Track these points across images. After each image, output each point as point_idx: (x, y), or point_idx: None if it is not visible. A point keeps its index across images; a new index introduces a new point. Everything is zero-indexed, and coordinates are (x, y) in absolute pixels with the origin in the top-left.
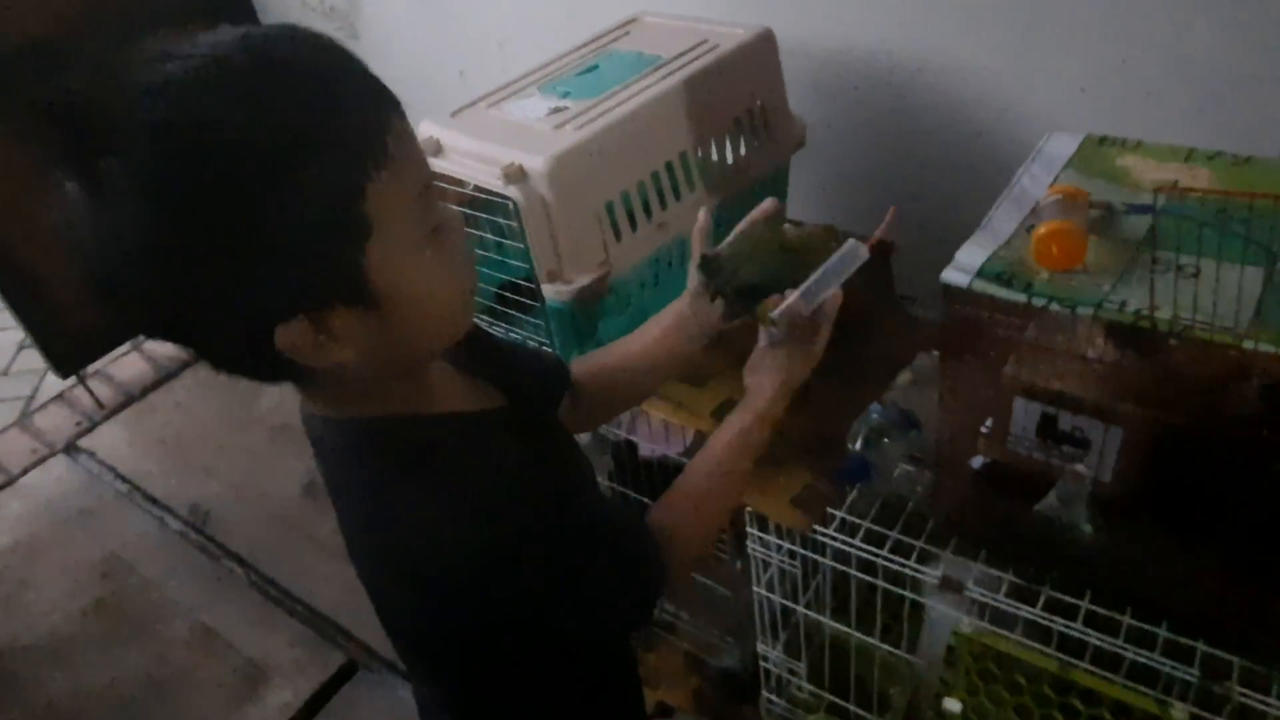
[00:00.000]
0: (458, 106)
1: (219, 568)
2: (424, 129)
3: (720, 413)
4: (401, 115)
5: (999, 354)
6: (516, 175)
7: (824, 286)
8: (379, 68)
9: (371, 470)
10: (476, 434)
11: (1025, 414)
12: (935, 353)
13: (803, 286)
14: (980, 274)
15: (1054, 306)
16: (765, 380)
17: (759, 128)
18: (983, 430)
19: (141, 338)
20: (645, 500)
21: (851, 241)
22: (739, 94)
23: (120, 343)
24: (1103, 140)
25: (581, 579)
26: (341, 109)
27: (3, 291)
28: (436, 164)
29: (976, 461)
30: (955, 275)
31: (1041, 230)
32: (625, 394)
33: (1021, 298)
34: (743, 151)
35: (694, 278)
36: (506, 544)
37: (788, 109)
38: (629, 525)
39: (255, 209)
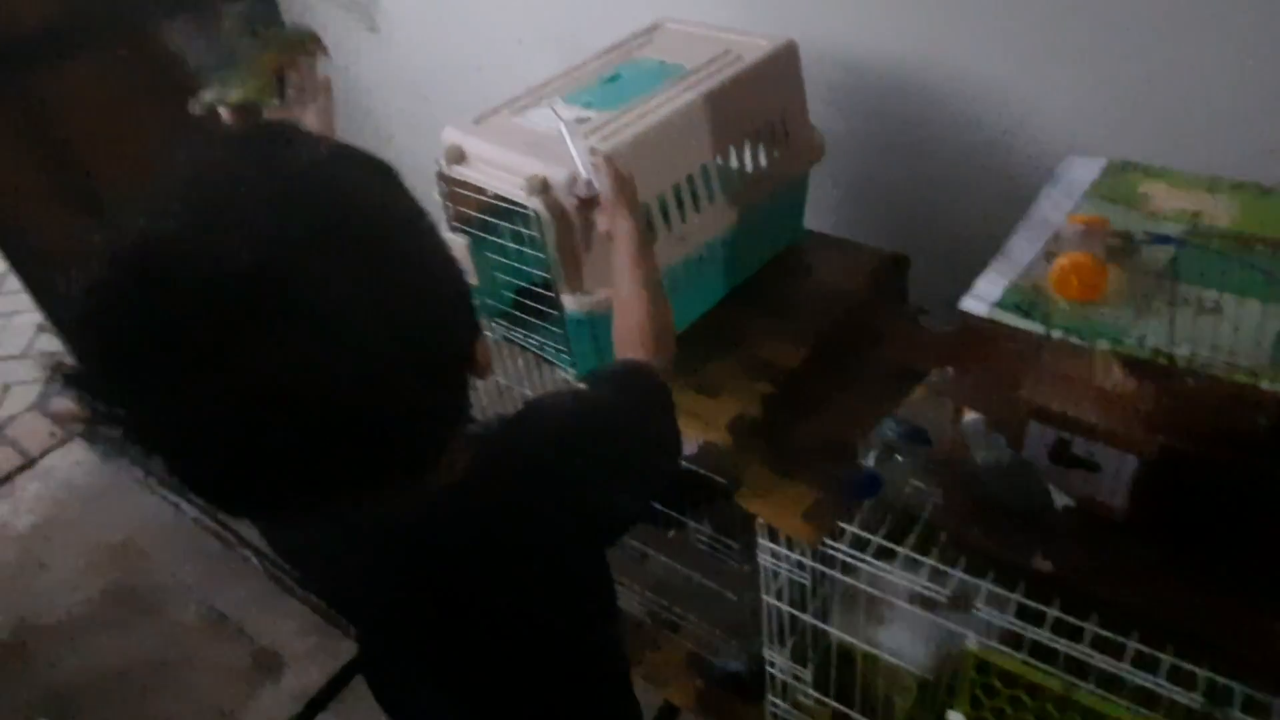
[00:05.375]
0: (473, 101)
1: (232, 555)
2: (447, 135)
3: (735, 426)
4: None
5: (1014, 376)
6: (539, 187)
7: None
8: (397, 61)
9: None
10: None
11: (1039, 436)
12: (948, 368)
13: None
14: (999, 303)
15: (1072, 339)
16: (613, 211)
17: (779, 139)
18: (996, 448)
19: None
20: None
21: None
22: (761, 106)
23: None
24: (1124, 166)
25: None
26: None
27: (22, 274)
28: (459, 171)
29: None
30: (974, 304)
31: (1062, 261)
32: None
33: (1040, 329)
34: (763, 162)
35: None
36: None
37: (808, 120)
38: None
39: (421, 268)
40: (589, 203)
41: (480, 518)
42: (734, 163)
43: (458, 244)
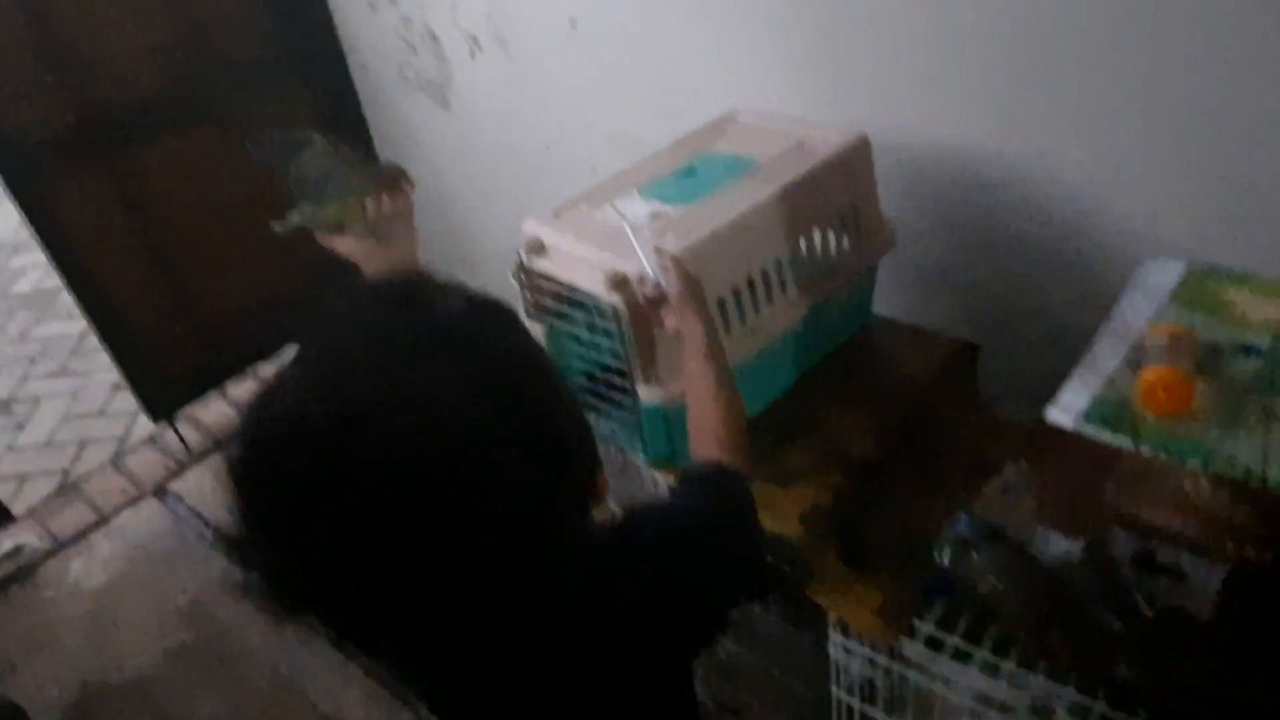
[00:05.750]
0: (541, 178)
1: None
2: (528, 228)
3: (808, 517)
4: None
5: (1096, 481)
6: (620, 283)
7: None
8: (467, 137)
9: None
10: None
11: (1121, 541)
12: (1024, 463)
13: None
14: (1086, 415)
15: (1162, 457)
16: (686, 317)
17: (851, 230)
18: (1077, 551)
19: (227, 383)
20: None
21: None
22: (833, 198)
23: (210, 388)
24: (1207, 271)
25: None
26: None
27: (103, 335)
28: (539, 263)
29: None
30: (1060, 415)
31: (1149, 375)
32: None
33: (1128, 444)
34: (834, 254)
35: None
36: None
37: (879, 211)
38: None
39: (556, 409)
40: (658, 302)
41: (589, 628)
42: (806, 255)
43: (535, 332)
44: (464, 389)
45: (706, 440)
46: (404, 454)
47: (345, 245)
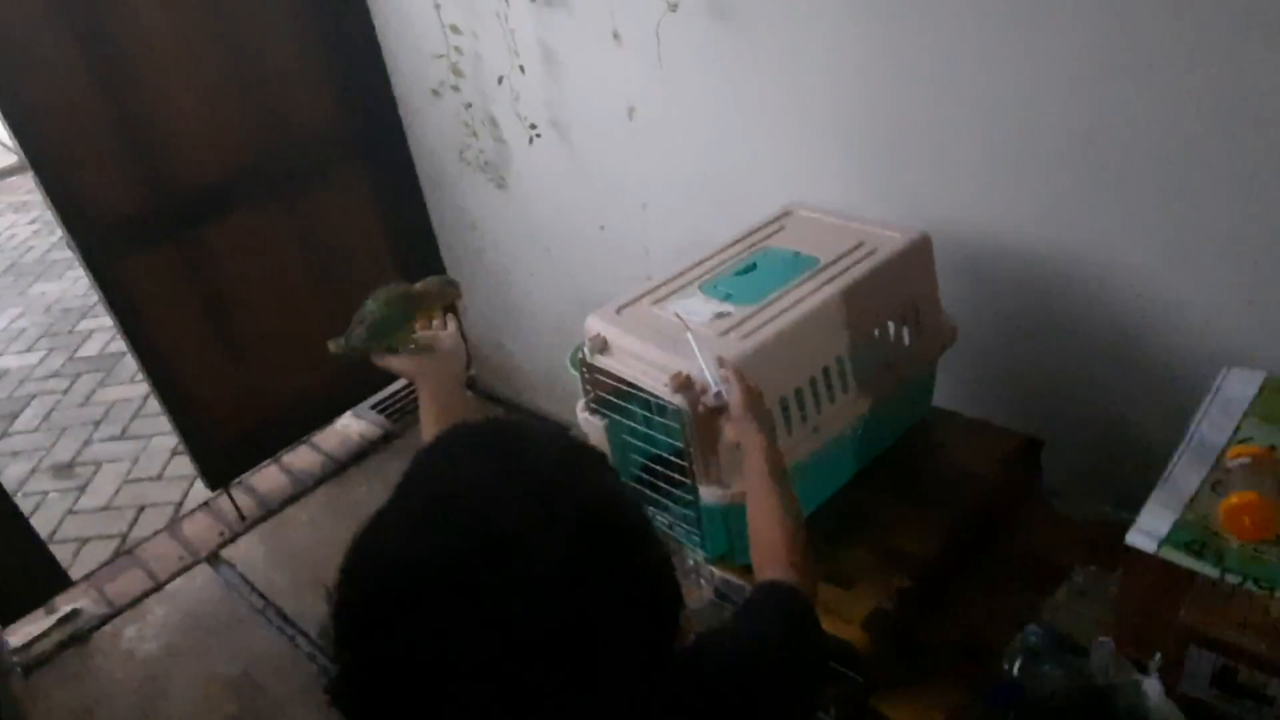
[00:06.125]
0: (594, 256)
1: None
2: (591, 325)
3: (870, 622)
4: None
5: (1172, 599)
6: (685, 385)
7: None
8: (523, 217)
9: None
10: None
11: (1200, 660)
12: (1093, 567)
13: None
14: (1168, 540)
15: (1249, 585)
16: (746, 430)
17: (912, 327)
18: (1152, 666)
19: (281, 452)
20: None
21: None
22: (895, 298)
23: (266, 457)
24: None
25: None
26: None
27: (165, 401)
28: (602, 361)
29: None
30: (1142, 540)
31: (1232, 500)
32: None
33: (1214, 572)
34: (896, 351)
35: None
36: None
37: (940, 308)
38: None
39: (652, 551)
40: (719, 411)
41: None
42: (867, 353)
43: (595, 426)
44: (562, 539)
45: (769, 558)
46: (502, 606)
47: (398, 363)
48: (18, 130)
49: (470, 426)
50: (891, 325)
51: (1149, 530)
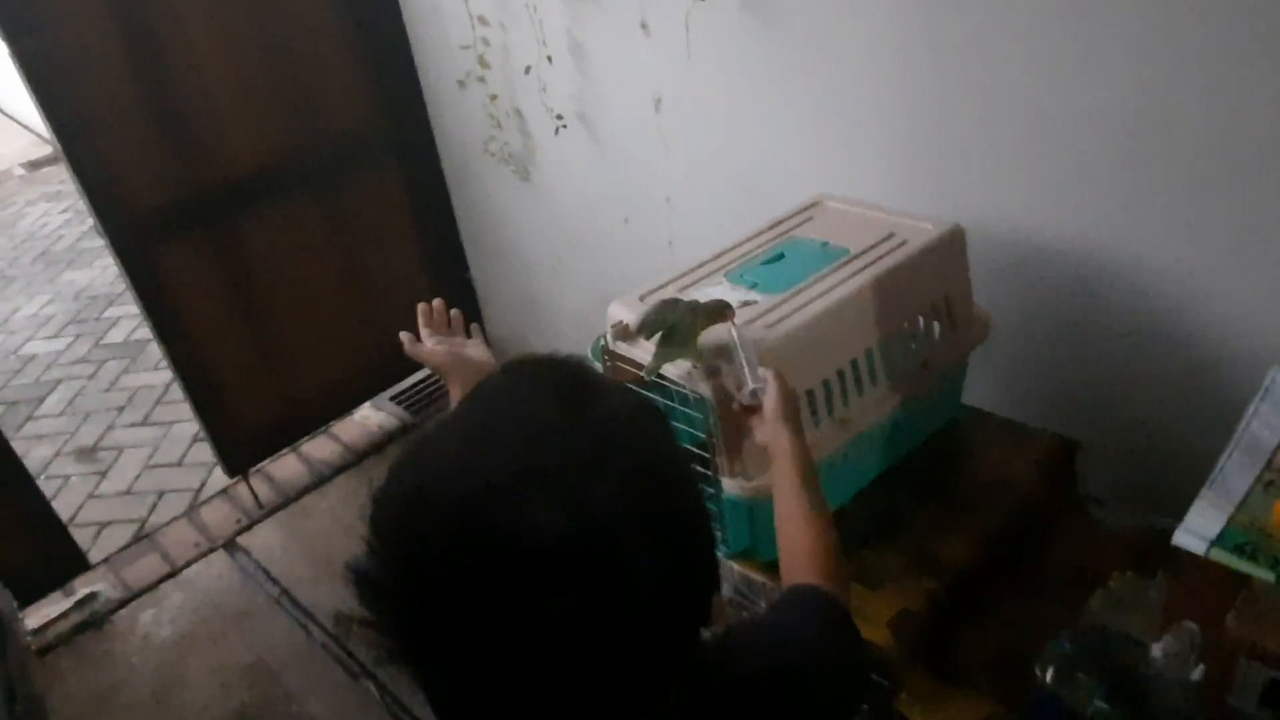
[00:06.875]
0: (619, 250)
1: (357, 686)
2: (614, 311)
3: (898, 624)
4: None
5: (1218, 606)
6: (709, 374)
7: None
8: (547, 209)
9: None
10: None
11: (1249, 674)
12: (1131, 575)
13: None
14: (1219, 542)
15: None
16: (775, 428)
17: (944, 321)
18: (1193, 679)
19: (302, 442)
20: None
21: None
22: (926, 291)
23: (286, 446)
24: None
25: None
26: None
27: (188, 388)
28: (625, 349)
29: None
30: (1191, 541)
31: None
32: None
33: (1269, 576)
34: (927, 345)
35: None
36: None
37: (972, 302)
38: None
39: (698, 515)
40: (751, 410)
41: None
42: (898, 347)
43: None
44: (613, 481)
45: (799, 563)
46: (537, 533)
47: (429, 355)
48: (55, 120)
49: (543, 360)
50: (922, 319)
51: (1198, 531)
